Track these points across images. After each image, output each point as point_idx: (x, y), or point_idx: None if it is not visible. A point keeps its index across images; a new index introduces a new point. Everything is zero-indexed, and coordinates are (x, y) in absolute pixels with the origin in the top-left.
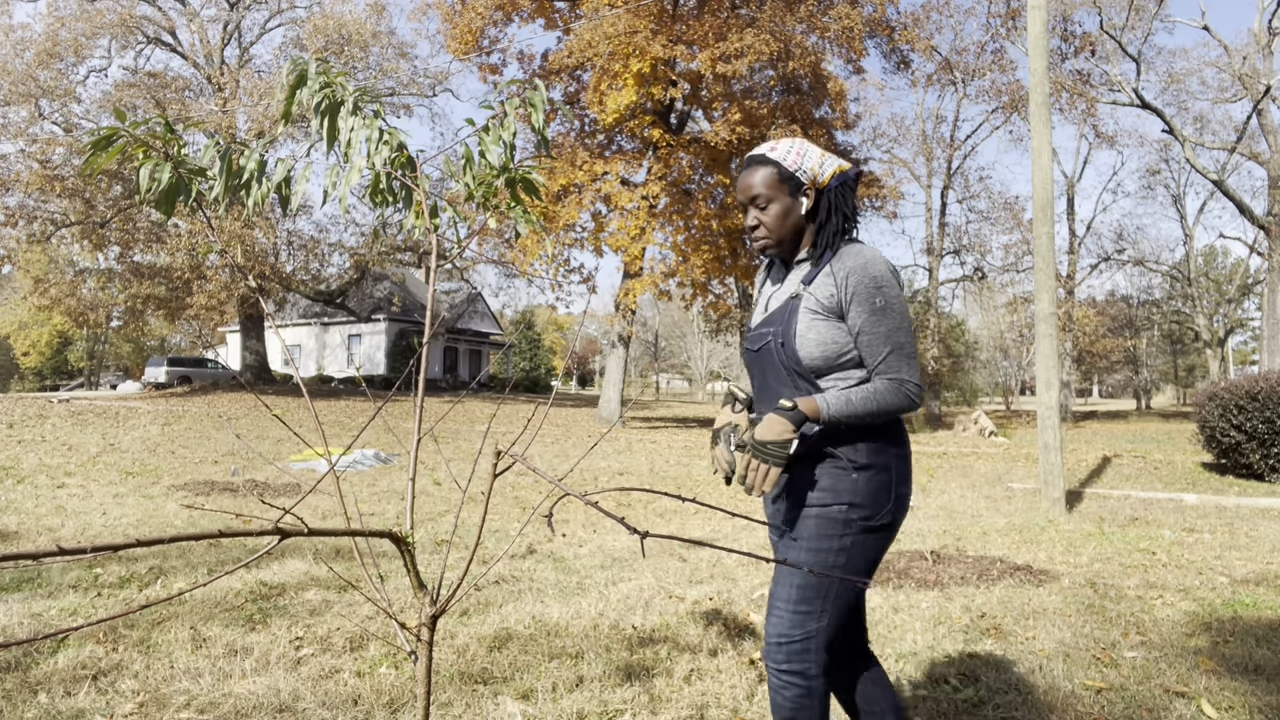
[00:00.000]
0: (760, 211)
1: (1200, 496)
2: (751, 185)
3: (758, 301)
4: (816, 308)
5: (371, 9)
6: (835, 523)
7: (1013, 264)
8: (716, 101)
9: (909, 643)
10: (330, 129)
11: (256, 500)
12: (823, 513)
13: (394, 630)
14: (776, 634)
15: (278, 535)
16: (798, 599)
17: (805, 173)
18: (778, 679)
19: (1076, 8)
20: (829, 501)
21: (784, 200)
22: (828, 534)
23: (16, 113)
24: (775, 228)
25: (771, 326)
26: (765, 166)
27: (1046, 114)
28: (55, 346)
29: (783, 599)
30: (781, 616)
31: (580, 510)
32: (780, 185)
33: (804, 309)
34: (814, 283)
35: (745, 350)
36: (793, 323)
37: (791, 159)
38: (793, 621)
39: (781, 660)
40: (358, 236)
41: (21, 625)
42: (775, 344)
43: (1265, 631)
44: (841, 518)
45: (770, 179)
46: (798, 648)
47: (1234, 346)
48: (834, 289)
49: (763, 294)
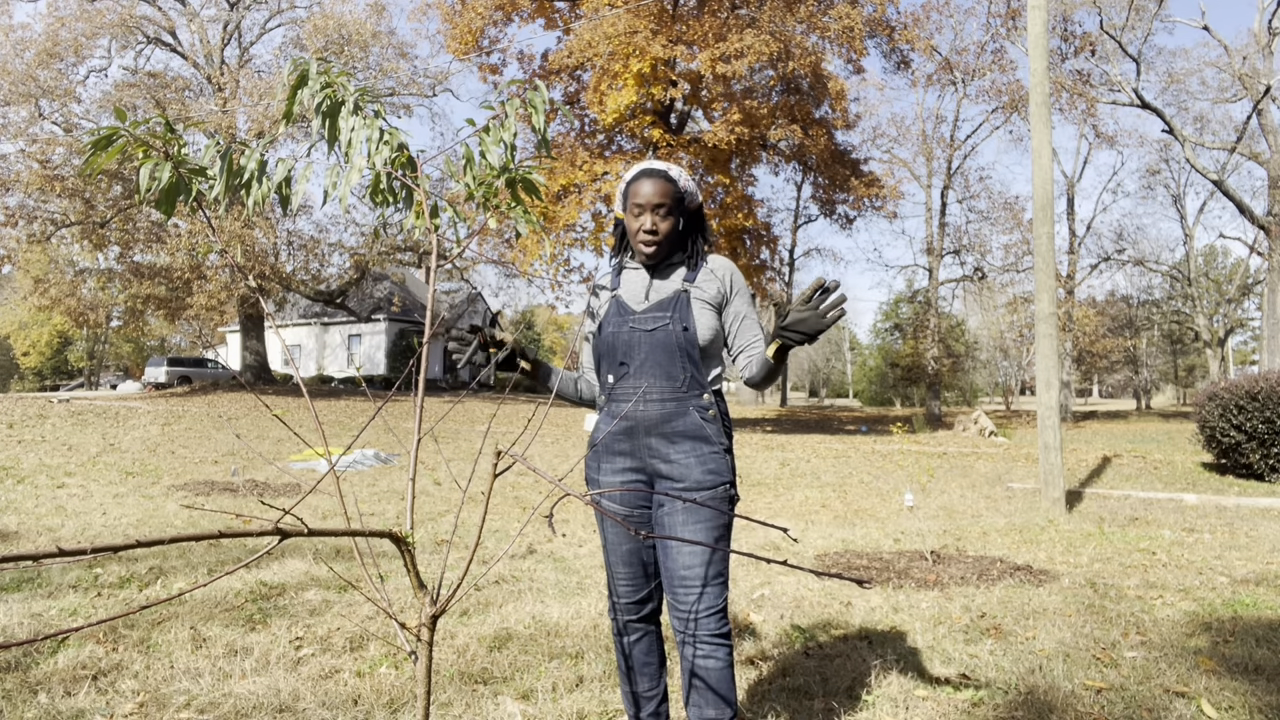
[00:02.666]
0: (659, 219)
1: (1200, 496)
2: (657, 194)
3: (618, 295)
4: (705, 300)
5: (371, 9)
6: (723, 500)
7: (1013, 264)
8: (716, 102)
9: (909, 643)
10: (331, 129)
11: (256, 500)
12: (714, 493)
13: (394, 630)
14: (709, 606)
15: (278, 535)
16: (715, 573)
17: (691, 195)
18: (711, 644)
19: (1076, 8)
20: (715, 482)
21: (676, 214)
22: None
23: (16, 113)
24: (666, 234)
25: (664, 312)
26: (668, 183)
27: (1046, 114)
28: (55, 346)
29: (708, 575)
30: (710, 590)
31: (580, 510)
32: (677, 202)
33: (695, 300)
34: (697, 282)
35: (627, 330)
36: (689, 312)
37: (684, 181)
38: (717, 592)
39: (713, 628)
40: (358, 236)
41: (21, 625)
42: (675, 327)
43: (1265, 631)
44: (726, 495)
45: (672, 194)
46: (721, 614)
47: (1234, 346)
48: (719, 286)
49: (626, 288)
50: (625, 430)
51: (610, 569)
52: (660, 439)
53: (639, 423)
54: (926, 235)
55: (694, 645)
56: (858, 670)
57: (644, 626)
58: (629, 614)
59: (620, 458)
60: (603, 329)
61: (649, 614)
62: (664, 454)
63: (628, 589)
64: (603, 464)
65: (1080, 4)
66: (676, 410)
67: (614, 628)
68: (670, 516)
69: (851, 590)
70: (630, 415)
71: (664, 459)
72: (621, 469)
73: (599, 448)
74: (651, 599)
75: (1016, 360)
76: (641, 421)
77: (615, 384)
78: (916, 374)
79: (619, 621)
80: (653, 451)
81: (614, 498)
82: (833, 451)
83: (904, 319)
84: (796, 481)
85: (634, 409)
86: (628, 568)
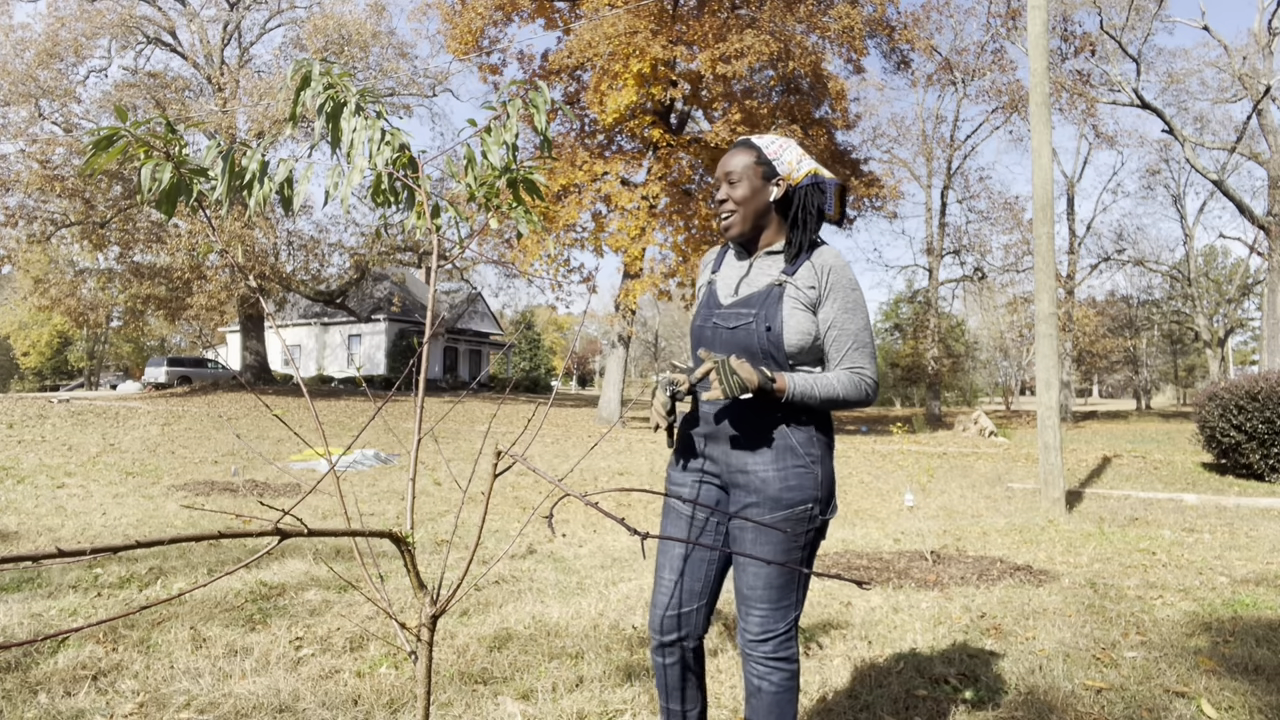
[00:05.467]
0: (730, 187)
1: (1200, 496)
2: (728, 163)
3: (714, 282)
4: (799, 298)
5: (371, 9)
6: (803, 520)
7: (1013, 264)
8: (716, 102)
9: (909, 643)
10: (334, 130)
11: (256, 500)
12: (792, 512)
13: (394, 630)
14: (761, 630)
15: (277, 536)
16: (778, 597)
17: (781, 164)
18: (764, 667)
19: (1076, 8)
20: (797, 500)
21: (754, 182)
22: (798, 531)
23: (16, 113)
24: (740, 203)
25: (751, 308)
26: (746, 150)
27: (1046, 114)
28: (55, 346)
29: (764, 600)
30: (766, 614)
31: (580, 510)
32: (754, 168)
33: (788, 297)
34: (797, 274)
35: (710, 326)
36: (778, 309)
37: (771, 149)
38: (776, 616)
39: (769, 651)
40: (358, 237)
41: (21, 625)
42: (759, 326)
43: (1265, 631)
44: (807, 515)
45: (747, 161)
46: (783, 638)
47: (1234, 346)
48: (815, 282)
49: (722, 276)
50: (705, 434)
51: (656, 572)
52: (739, 448)
53: (717, 428)
54: (926, 235)
55: (751, 664)
56: (857, 670)
57: (678, 650)
58: (661, 629)
59: (699, 459)
60: (694, 320)
61: (683, 637)
62: (741, 464)
63: (665, 599)
64: (683, 462)
65: (1080, 4)
66: (757, 417)
67: (651, 642)
68: (741, 532)
69: (851, 590)
70: (708, 418)
71: (741, 469)
72: (697, 471)
73: (679, 446)
74: (691, 620)
75: (1016, 360)
76: (721, 427)
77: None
78: (916, 374)
79: (654, 638)
80: (730, 460)
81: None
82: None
83: (904, 319)
84: None
85: (710, 410)
86: (672, 574)
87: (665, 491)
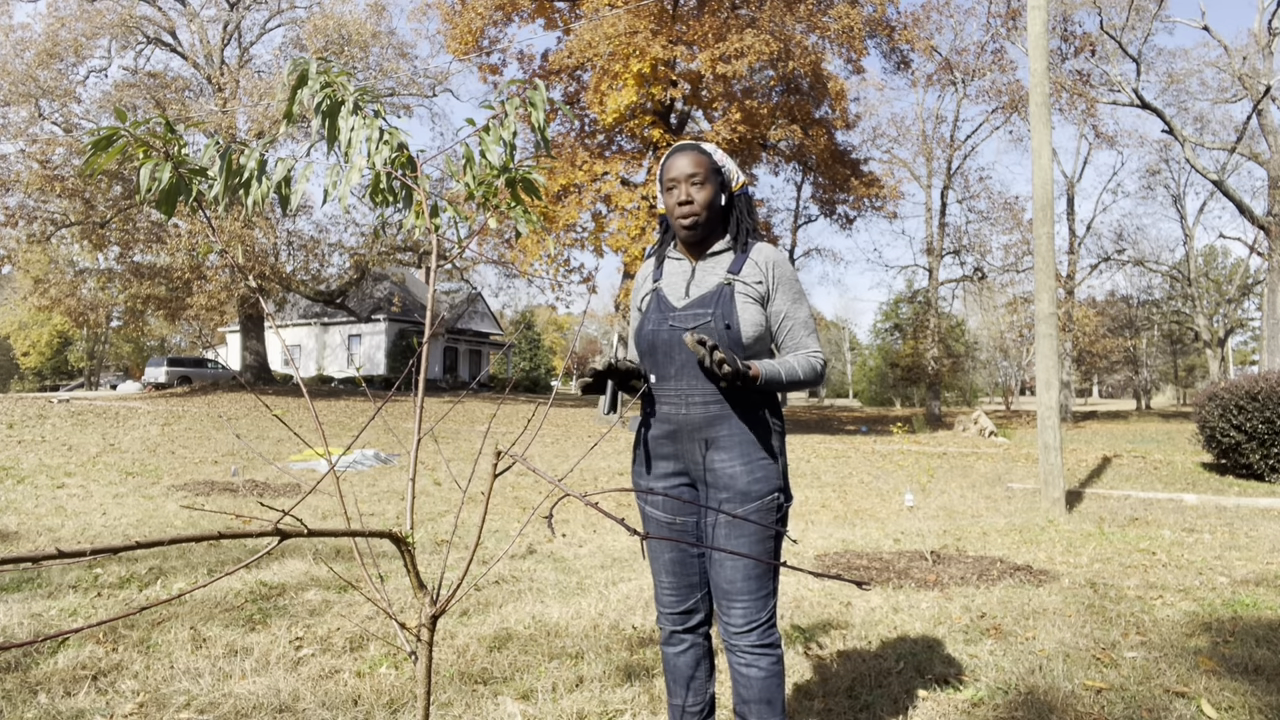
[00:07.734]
0: (695, 189)
1: (1200, 496)
2: (689, 164)
3: (660, 289)
4: (748, 293)
5: (371, 9)
6: (772, 510)
7: (1013, 264)
8: (717, 101)
9: (909, 643)
10: (331, 129)
11: (256, 501)
12: (762, 503)
13: (394, 630)
14: (745, 621)
15: (277, 536)
16: (757, 587)
17: (728, 171)
18: (751, 654)
19: (1076, 8)
20: (765, 492)
21: (713, 187)
22: (769, 522)
23: (16, 113)
24: (704, 206)
25: (707, 308)
26: (700, 154)
27: (1046, 114)
28: (55, 346)
29: (745, 591)
30: (748, 605)
31: (580, 510)
32: (712, 174)
33: (739, 294)
34: (742, 272)
35: (667, 329)
36: (733, 306)
37: (719, 157)
38: (758, 605)
39: (755, 640)
40: (358, 236)
41: (21, 626)
42: (718, 325)
43: (1265, 631)
44: (775, 504)
45: (705, 165)
46: (766, 625)
47: (1234, 346)
48: (761, 277)
49: (667, 282)
50: (668, 434)
51: (654, 576)
52: (705, 444)
53: (681, 427)
54: (926, 235)
55: (736, 654)
56: (858, 670)
57: (690, 638)
58: (674, 624)
59: (665, 461)
60: (643, 326)
61: (695, 624)
62: (709, 460)
63: (672, 598)
64: (651, 467)
65: (1080, 4)
66: (721, 414)
67: (661, 635)
68: (714, 527)
69: (851, 590)
70: (672, 419)
71: (709, 465)
72: (668, 473)
73: (641, 451)
74: (699, 609)
75: (1016, 360)
76: (684, 425)
77: (657, 385)
78: (916, 374)
79: (665, 630)
80: (697, 457)
81: (658, 505)
82: (833, 452)
83: (904, 319)
84: (796, 482)
85: (675, 412)
86: (670, 576)
87: (637, 497)
